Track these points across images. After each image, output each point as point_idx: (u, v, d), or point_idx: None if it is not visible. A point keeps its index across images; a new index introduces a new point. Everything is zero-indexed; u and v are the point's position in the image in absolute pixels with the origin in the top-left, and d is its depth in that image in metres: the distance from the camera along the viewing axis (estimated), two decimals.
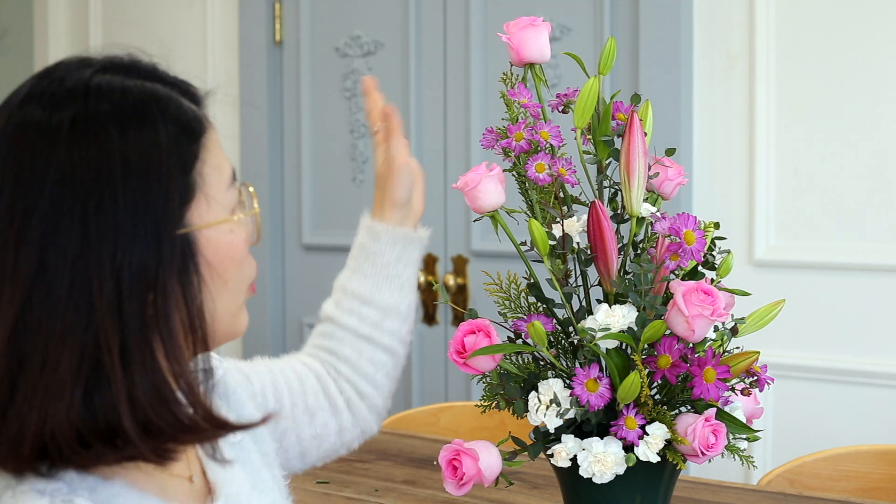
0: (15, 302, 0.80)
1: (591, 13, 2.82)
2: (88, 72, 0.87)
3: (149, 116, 0.86)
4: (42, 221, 0.81)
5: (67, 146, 0.83)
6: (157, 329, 0.83)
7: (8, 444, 0.81)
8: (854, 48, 2.49)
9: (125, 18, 3.84)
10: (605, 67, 1.27)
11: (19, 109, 0.86)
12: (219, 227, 0.89)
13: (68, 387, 0.80)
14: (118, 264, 0.81)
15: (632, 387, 1.12)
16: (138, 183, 0.83)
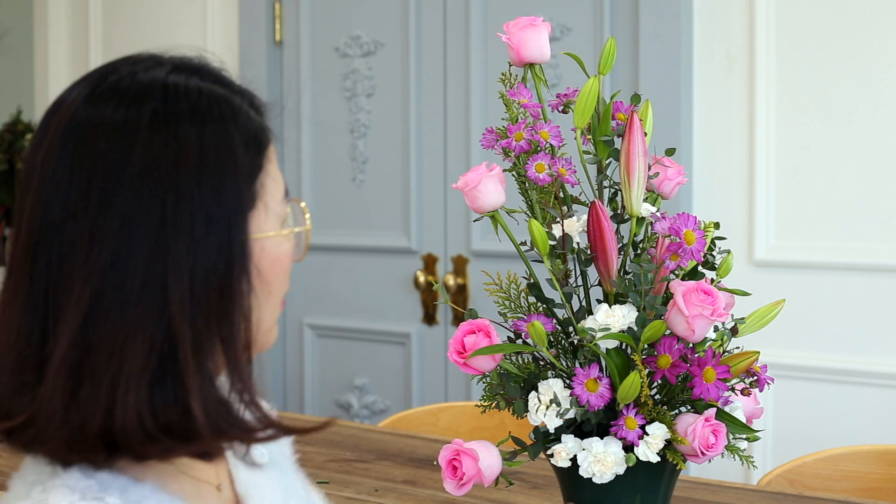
0: (86, 292, 0.81)
1: (591, 13, 2.82)
2: (163, 70, 0.88)
3: (224, 119, 0.87)
4: (120, 213, 0.81)
5: (147, 141, 0.83)
6: (219, 329, 0.84)
7: (73, 433, 0.81)
8: (854, 48, 2.49)
9: (125, 18, 3.84)
10: (605, 67, 1.27)
11: (89, 105, 0.85)
12: (272, 239, 0.90)
13: (136, 378, 0.80)
14: (192, 261, 0.82)
15: (632, 387, 1.12)
16: (214, 183, 0.84)
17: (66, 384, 0.81)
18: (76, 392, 0.81)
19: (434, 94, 3.12)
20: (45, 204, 0.83)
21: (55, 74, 4.04)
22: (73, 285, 0.81)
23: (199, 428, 0.82)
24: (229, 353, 0.85)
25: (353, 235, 3.31)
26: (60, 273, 0.82)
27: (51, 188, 0.83)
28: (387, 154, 3.23)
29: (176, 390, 0.82)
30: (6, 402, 0.83)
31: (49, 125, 0.86)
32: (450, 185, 3.09)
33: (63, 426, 0.81)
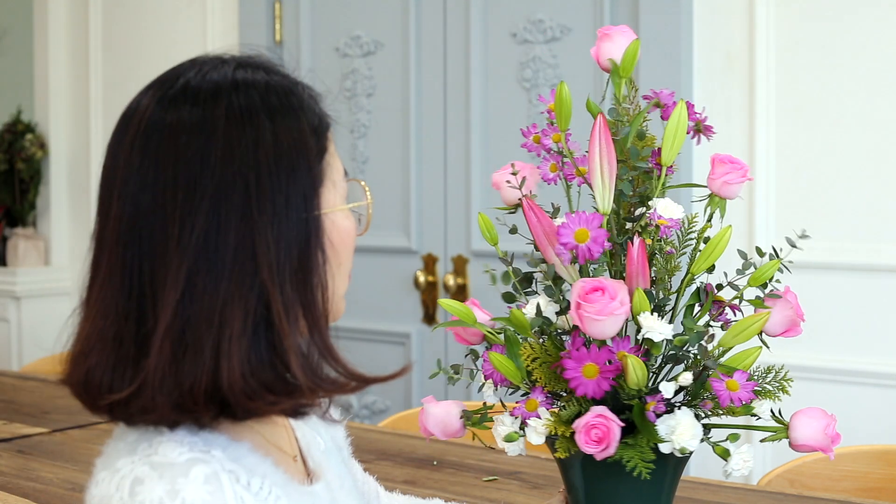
0: (183, 269, 0.89)
1: (591, 13, 2.82)
2: (230, 68, 0.97)
3: (291, 108, 0.96)
4: (207, 195, 0.89)
5: (225, 130, 0.91)
6: (302, 296, 0.92)
7: (182, 396, 0.89)
8: (854, 48, 2.49)
9: (125, 18, 3.84)
10: (626, 70, 1.27)
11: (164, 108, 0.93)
12: (339, 213, 0.99)
13: (237, 341, 0.88)
14: (276, 233, 0.90)
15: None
16: (289, 163, 0.93)
17: (171, 354, 0.89)
18: (182, 360, 0.89)
19: (434, 94, 3.12)
20: (134, 196, 0.91)
21: (55, 74, 4.04)
22: (168, 265, 0.89)
23: (300, 380, 0.91)
24: (310, 318, 0.93)
25: None
26: (154, 255, 0.90)
27: (138, 180, 0.91)
28: (387, 154, 3.23)
29: (271, 350, 0.90)
30: (108, 377, 0.91)
31: (127, 128, 0.94)
32: (450, 184, 3.09)
33: (173, 391, 0.89)
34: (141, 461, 0.90)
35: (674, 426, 1.14)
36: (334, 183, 0.98)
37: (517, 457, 1.28)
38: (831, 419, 1.20)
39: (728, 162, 1.24)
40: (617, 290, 1.14)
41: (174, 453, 0.90)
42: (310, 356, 0.93)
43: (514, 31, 2.96)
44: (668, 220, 1.19)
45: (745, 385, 1.15)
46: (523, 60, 2.94)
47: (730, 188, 1.24)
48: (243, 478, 0.92)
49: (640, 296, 1.15)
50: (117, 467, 0.90)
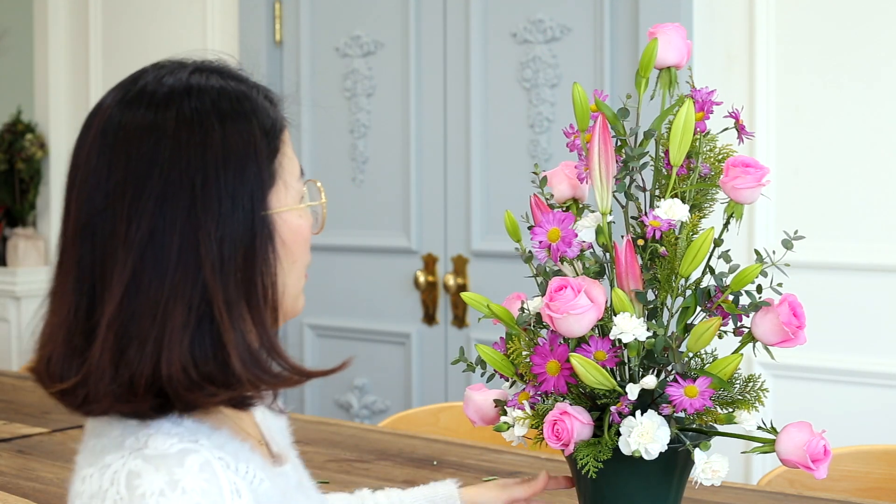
0: (128, 264, 0.93)
1: (591, 13, 2.82)
2: (186, 72, 1.01)
3: (243, 112, 0.99)
4: (154, 195, 0.94)
5: (174, 134, 0.95)
6: (245, 292, 0.96)
7: (123, 388, 0.92)
8: (854, 48, 2.49)
9: (125, 18, 3.84)
10: (646, 70, 1.26)
11: (122, 109, 0.98)
12: (292, 212, 1.02)
13: (178, 335, 0.92)
14: (220, 232, 0.94)
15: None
16: (237, 165, 0.96)
17: (114, 345, 0.93)
18: (124, 351, 0.92)
19: (434, 94, 3.12)
20: (89, 194, 0.96)
21: (55, 74, 4.04)
22: (116, 259, 0.93)
23: (238, 375, 0.94)
24: (255, 313, 0.96)
25: (353, 235, 3.31)
26: (104, 251, 0.94)
27: (93, 180, 0.96)
28: (387, 154, 3.23)
29: (214, 344, 0.94)
30: (58, 367, 0.95)
31: (90, 126, 0.99)
32: (450, 184, 3.09)
33: (113, 382, 0.92)
34: (132, 455, 0.92)
35: (633, 427, 1.14)
36: (286, 183, 1.01)
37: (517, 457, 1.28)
38: (816, 436, 1.19)
39: (742, 165, 1.22)
40: (583, 289, 1.14)
41: (165, 445, 0.93)
42: (254, 350, 0.96)
43: (514, 31, 2.96)
44: (663, 221, 1.18)
45: (705, 392, 1.14)
46: (523, 60, 2.94)
47: (740, 192, 1.21)
48: (232, 463, 0.96)
49: (619, 296, 1.15)
50: (106, 463, 0.93)
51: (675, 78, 1.28)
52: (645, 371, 1.19)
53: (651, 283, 1.20)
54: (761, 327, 1.20)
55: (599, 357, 1.15)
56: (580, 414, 1.16)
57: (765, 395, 1.22)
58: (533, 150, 2.94)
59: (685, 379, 1.15)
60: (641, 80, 1.26)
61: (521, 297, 1.28)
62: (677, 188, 1.24)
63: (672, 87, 1.28)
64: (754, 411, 1.21)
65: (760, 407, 1.21)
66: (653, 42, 1.25)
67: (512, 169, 2.98)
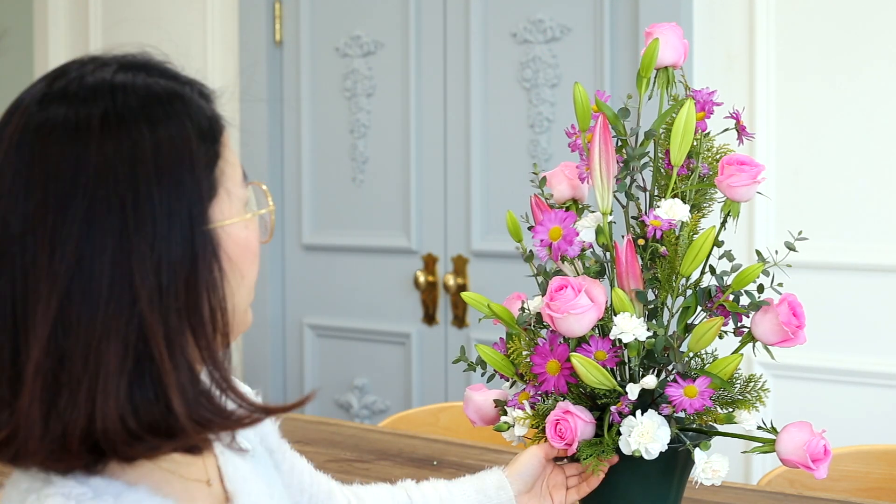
0: (53, 300, 0.80)
1: (591, 13, 2.82)
2: (109, 70, 0.88)
3: (175, 113, 0.87)
4: (78, 218, 0.81)
5: (99, 143, 0.83)
6: (189, 321, 0.84)
7: (55, 443, 0.81)
8: (854, 48, 2.49)
9: (125, 19, 3.84)
10: (647, 70, 1.26)
11: (40, 110, 0.85)
12: (237, 224, 0.90)
13: (114, 380, 0.80)
14: (157, 256, 0.82)
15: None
16: (171, 178, 0.84)
17: (42, 394, 0.80)
18: (54, 401, 0.80)
19: (434, 94, 3.12)
20: (4, 218, 0.83)
21: None
22: (38, 295, 0.81)
23: (182, 422, 0.83)
24: (202, 343, 0.85)
25: (353, 235, 3.31)
26: (25, 284, 0.81)
27: (8, 201, 0.83)
28: (387, 154, 3.23)
29: (155, 387, 0.82)
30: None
31: (5, 126, 0.86)
32: (450, 185, 3.09)
33: (44, 437, 0.81)
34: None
35: (633, 427, 1.14)
36: (229, 192, 0.90)
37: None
38: (817, 436, 1.19)
39: (737, 163, 1.22)
40: (583, 289, 1.14)
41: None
42: (202, 390, 0.85)
43: (514, 31, 2.96)
44: (664, 221, 1.18)
45: (704, 392, 1.14)
46: (523, 60, 2.94)
47: (735, 191, 1.21)
48: None
49: (619, 296, 1.16)
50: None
51: (672, 77, 1.28)
52: (645, 371, 1.20)
53: (651, 282, 1.20)
54: (761, 327, 1.20)
55: (599, 357, 1.15)
56: (582, 413, 1.17)
57: (765, 395, 1.22)
58: (533, 150, 2.94)
59: (685, 379, 1.15)
60: (643, 79, 1.26)
61: (521, 297, 1.28)
62: (677, 188, 1.24)
63: (670, 86, 1.28)
64: (754, 411, 1.21)
65: (760, 407, 1.22)
66: (654, 42, 1.25)
67: (512, 169, 2.98)
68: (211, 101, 0.93)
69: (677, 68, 1.28)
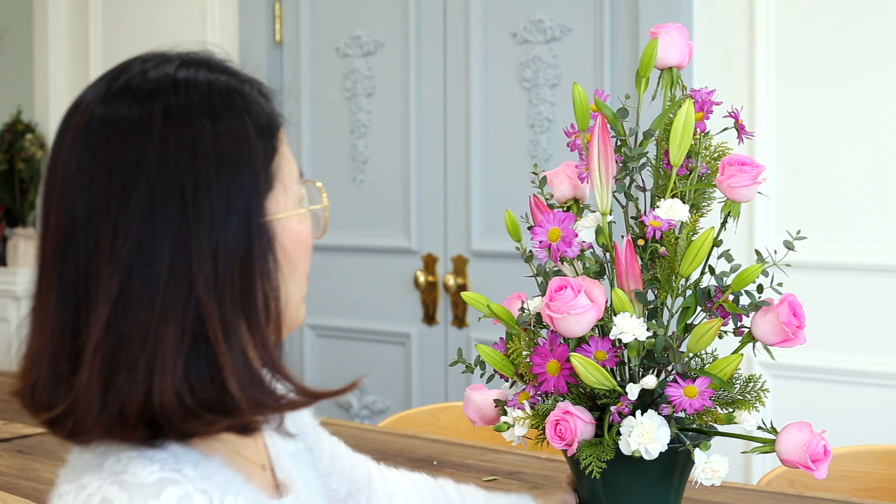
0: (115, 282, 0.84)
1: (591, 13, 2.82)
2: (172, 66, 0.92)
3: (235, 108, 0.91)
4: (140, 204, 0.85)
5: (161, 134, 0.87)
6: (243, 307, 0.88)
7: (113, 418, 0.85)
8: (854, 48, 2.49)
9: (125, 18, 3.84)
10: (646, 69, 1.26)
11: (103, 105, 0.89)
12: (292, 218, 0.94)
13: (171, 359, 0.84)
14: (214, 243, 0.86)
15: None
16: (230, 169, 0.88)
17: (101, 372, 0.85)
18: (113, 378, 0.85)
19: (434, 94, 3.12)
20: (70, 203, 0.87)
21: (55, 74, 4.04)
22: (100, 277, 0.85)
23: (237, 401, 0.86)
24: (255, 331, 0.88)
25: (353, 235, 3.31)
26: (88, 267, 0.86)
27: (74, 188, 0.87)
28: (387, 154, 3.23)
29: (210, 368, 0.86)
30: (45, 394, 0.88)
31: (69, 126, 0.90)
32: (450, 184, 3.09)
33: (102, 412, 0.85)
34: (109, 479, 0.86)
35: (633, 427, 1.14)
36: (285, 186, 0.94)
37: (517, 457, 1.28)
38: (816, 436, 1.19)
39: (737, 164, 1.22)
40: (583, 289, 1.14)
41: (144, 472, 0.86)
42: (255, 372, 0.88)
43: (514, 31, 2.96)
44: (664, 221, 1.18)
45: (704, 392, 1.14)
46: (523, 60, 2.94)
47: (736, 191, 1.21)
48: (216, 497, 0.88)
49: (619, 296, 1.15)
50: (83, 483, 0.87)
51: (677, 78, 1.28)
52: (645, 371, 1.20)
53: (651, 283, 1.20)
54: (761, 327, 1.20)
55: (599, 357, 1.15)
56: (582, 413, 1.17)
57: (765, 395, 1.22)
58: (533, 150, 2.94)
59: (685, 379, 1.15)
60: (641, 79, 1.26)
61: (521, 297, 1.28)
62: (676, 188, 1.24)
63: (674, 87, 1.28)
64: (755, 411, 1.21)
65: (760, 407, 1.21)
66: (653, 42, 1.25)
67: (512, 169, 2.98)
68: (269, 99, 0.97)
69: (682, 69, 1.28)
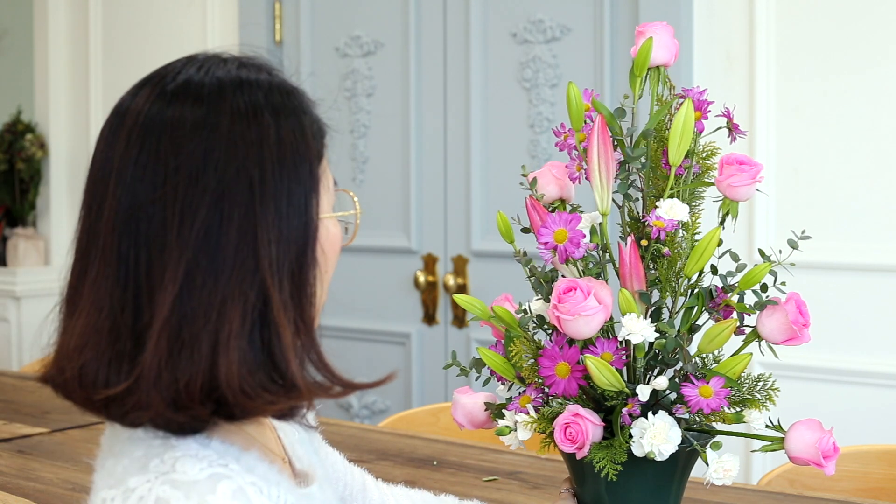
0: (182, 262, 0.87)
1: (591, 13, 2.82)
2: (232, 66, 0.96)
3: (294, 108, 0.96)
4: (210, 189, 0.88)
5: (229, 127, 0.90)
6: (294, 298, 0.91)
7: (177, 393, 0.87)
8: (854, 48, 2.49)
9: (125, 19, 3.84)
10: (640, 69, 1.26)
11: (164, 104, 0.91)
12: (330, 220, 0.98)
13: (235, 339, 0.87)
14: (278, 231, 0.89)
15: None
16: (292, 164, 0.92)
17: (167, 349, 0.86)
18: (178, 356, 0.86)
19: (434, 94, 3.12)
20: (131, 186, 0.89)
21: (55, 74, 4.04)
22: (167, 258, 0.87)
23: (297, 381, 0.89)
24: (301, 320, 0.92)
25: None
26: (151, 247, 0.88)
27: (136, 172, 0.89)
28: (387, 154, 3.23)
29: (272, 347, 0.89)
30: (103, 372, 0.88)
31: (123, 122, 0.92)
32: (450, 185, 3.09)
33: (168, 387, 0.86)
34: (159, 480, 0.86)
35: (646, 429, 1.14)
36: (327, 188, 0.97)
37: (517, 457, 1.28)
38: (826, 433, 1.19)
39: (736, 163, 1.22)
40: (592, 291, 1.14)
41: (194, 469, 0.87)
42: (305, 357, 0.92)
43: (514, 31, 2.96)
44: (667, 221, 1.18)
45: (720, 392, 1.14)
46: (523, 60, 2.94)
47: (736, 190, 1.21)
48: (264, 488, 0.90)
49: (626, 297, 1.15)
50: (130, 486, 0.87)
51: (664, 77, 1.28)
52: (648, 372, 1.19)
53: (654, 283, 1.20)
54: (768, 326, 1.20)
55: (606, 359, 1.15)
56: (591, 416, 1.16)
57: (776, 394, 1.22)
58: (533, 150, 2.94)
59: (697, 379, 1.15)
60: (636, 79, 1.26)
61: (508, 299, 1.28)
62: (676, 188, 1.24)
63: (662, 86, 1.28)
64: (765, 410, 1.21)
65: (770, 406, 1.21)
66: (648, 41, 1.25)
67: (512, 169, 2.98)
68: (315, 107, 1.02)
69: (668, 67, 1.28)
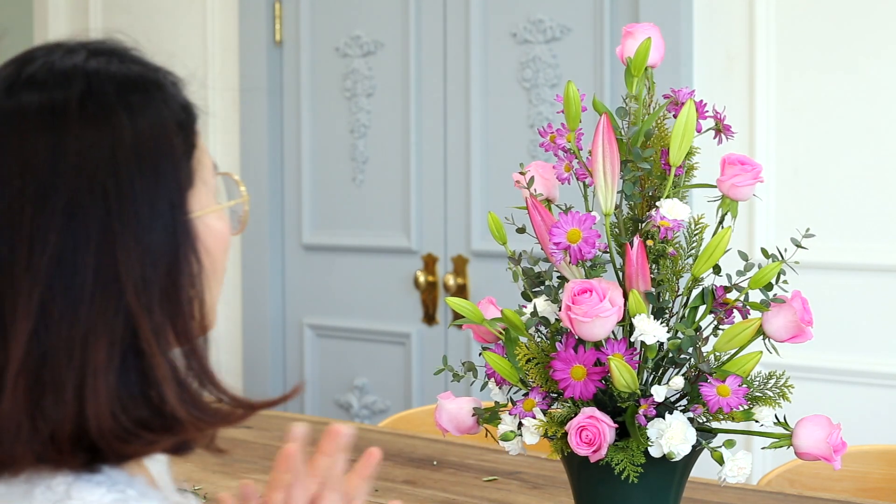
0: (34, 295, 0.77)
1: (591, 13, 2.82)
2: (80, 56, 0.84)
3: (153, 100, 0.84)
4: (59, 208, 0.77)
5: (78, 130, 0.79)
6: (170, 315, 0.81)
7: (44, 445, 0.77)
8: (854, 48, 2.49)
9: (125, 19, 3.84)
10: (638, 69, 1.26)
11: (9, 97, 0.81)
12: (212, 215, 0.88)
13: (102, 376, 0.77)
14: (141, 246, 0.79)
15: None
16: (152, 166, 0.81)
17: (26, 395, 0.77)
18: (39, 402, 0.77)
19: (434, 94, 3.12)
20: None
21: None
22: (18, 291, 0.77)
23: (178, 416, 0.80)
24: (182, 336, 0.81)
25: (353, 235, 3.31)
26: (2, 281, 0.77)
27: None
28: (387, 154, 3.23)
29: (145, 382, 0.79)
30: None
31: None
32: (450, 185, 3.09)
33: (31, 440, 0.77)
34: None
35: (663, 430, 1.14)
36: (205, 181, 0.87)
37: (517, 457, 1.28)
38: (835, 428, 1.19)
39: (738, 163, 1.22)
40: (607, 292, 1.14)
41: (93, 497, 0.78)
42: (189, 385, 0.81)
43: (514, 31, 2.96)
44: (672, 221, 1.18)
45: (737, 391, 1.14)
46: (523, 60, 2.94)
47: (739, 190, 1.22)
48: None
49: (636, 298, 1.15)
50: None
51: (651, 77, 1.29)
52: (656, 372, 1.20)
53: (657, 284, 1.20)
54: (775, 324, 1.21)
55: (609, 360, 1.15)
56: (606, 418, 1.16)
57: (790, 391, 1.23)
58: (533, 150, 2.94)
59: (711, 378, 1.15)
60: (633, 79, 1.26)
61: (492, 302, 1.28)
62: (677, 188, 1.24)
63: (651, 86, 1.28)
64: (777, 407, 1.21)
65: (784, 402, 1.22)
66: (647, 41, 1.26)
67: (512, 169, 2.96)
68: (182, 89, 0.89)
69: (655, 67, 1.29)
